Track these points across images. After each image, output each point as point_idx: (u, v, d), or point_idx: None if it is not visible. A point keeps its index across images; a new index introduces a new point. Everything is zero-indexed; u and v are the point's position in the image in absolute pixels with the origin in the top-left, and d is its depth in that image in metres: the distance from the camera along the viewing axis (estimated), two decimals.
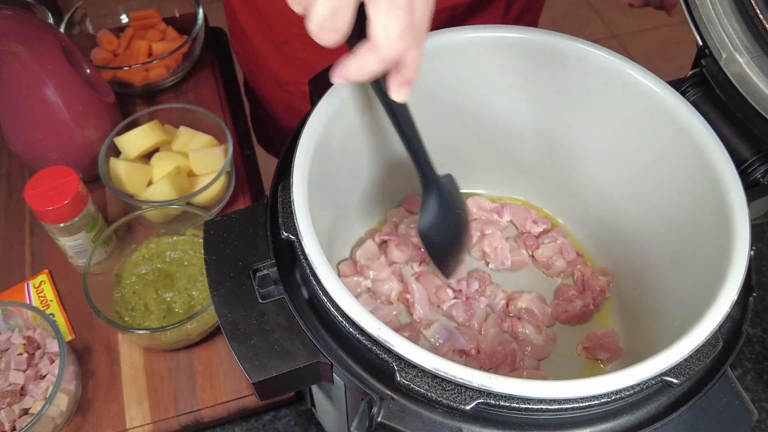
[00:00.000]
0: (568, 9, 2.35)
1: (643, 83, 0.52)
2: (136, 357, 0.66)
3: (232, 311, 0.45)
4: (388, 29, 0.39)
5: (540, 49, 0.55)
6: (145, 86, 0.86)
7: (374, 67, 0.41)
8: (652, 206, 0.56)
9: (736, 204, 0.46)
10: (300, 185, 0.46)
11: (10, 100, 0.71)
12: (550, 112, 0.59)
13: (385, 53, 0.39)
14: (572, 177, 0.63)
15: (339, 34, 0.39)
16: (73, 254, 0.69)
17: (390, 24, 0.38)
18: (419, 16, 0.40)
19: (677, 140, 0.51)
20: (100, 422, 0.62)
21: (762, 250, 0.76)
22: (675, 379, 0.40)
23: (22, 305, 0.63)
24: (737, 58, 0.50)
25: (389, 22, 0.38)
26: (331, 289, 0.41)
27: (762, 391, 0.66)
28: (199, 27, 0.87)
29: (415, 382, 0.39)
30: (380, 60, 0.40)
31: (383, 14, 0.38)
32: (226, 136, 0.74)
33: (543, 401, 0.38)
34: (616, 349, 0.57)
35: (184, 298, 0.66)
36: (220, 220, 0.50)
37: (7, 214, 0.79)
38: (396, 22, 0.38)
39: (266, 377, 0.43)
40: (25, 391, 0.60)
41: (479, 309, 0.60)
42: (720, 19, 0.51)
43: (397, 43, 0.39)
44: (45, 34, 0.70)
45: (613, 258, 0.63)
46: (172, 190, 0.70)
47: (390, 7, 0.38)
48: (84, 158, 0.75)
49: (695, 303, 0.44)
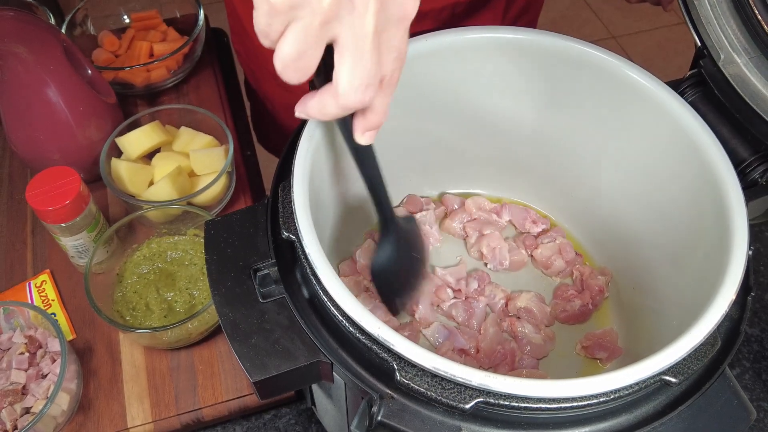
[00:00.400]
0: (567, 10, 2.35)
1: (641, 84, 0.53)
2: (137, 356, 0.66)
3: (232, 310, 0.45)
4: (352, 79, 0.37)
5: (539, 50, 0.55)
6: (146, 87, 0.86)
7: (334, 111, 0.39)
8: (651, 206, 0.57)
9: (735, 204, 0.46)
10: (300, 185, 0.46)
11: (11, 101, 0.71)
12: (549, 113, 0.60)
13: (345, 102, 0.38)
14: (571, 177, 0.63)
15: (303, 74, 0.37)
16: (74, 254, 0.69)
17: (354, 73, 0.37)
18: (388, 68, 0.38)
19: (676, 140, 0.52)
20: (101, 421, 0.63)
21: (760, 249, 0.76)
22: (673, 378, 0.40)
23: (23, 305, 0.64)
24: (735, 58, 0.50)
25: (353, 72, 0.37)
26: (331, 289, 0.41)
27: (760, 390, 0.67)
28: (200, 28, 0.87)
29: (415, 381, 0.39)
30: (340, 107, 0.39)
31: (348, 63, 0.37)
32: (227, 136, 0.74)
33: (542, 400, 0.38)
34: (614, 349, 0.57)
35: (185, 298, 0.66)
36: (221, 220, 0.50)
37: (8, 215, 0.79)
38: (360, 72, 0.37)
39: (267, 376, 0.43)
40: (26, 390, 0.60)
41: (479, 308, 0.60)
42: (718, 19, 0.51)
43: (359, 93, 0.38)
44: (46, 35, 0.70)
45: (612, 258, 0.63)
46: (173, 191, 0.71)
47: (356, 57, 0.36)
48: (85, 158, 0.75)
49: (694, 302, 0.45)
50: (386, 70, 0.38)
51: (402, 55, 0.39)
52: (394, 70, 0.39)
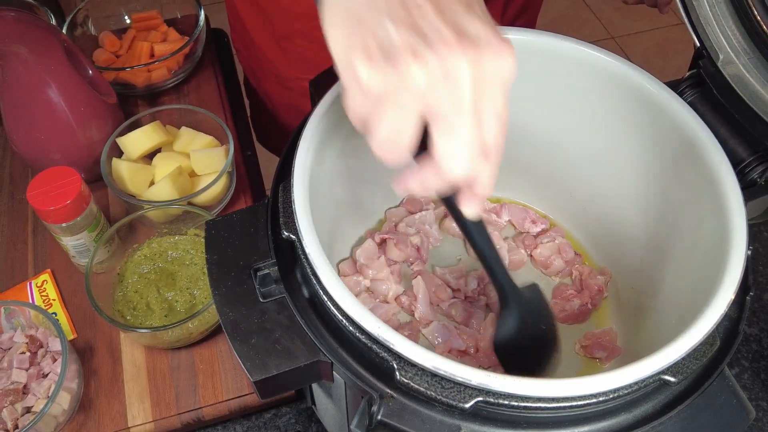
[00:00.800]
0: (567, 10, 2.35)
1: (641, 84, 0.53)
2: (138, 356, 0.66)
3: (233, 310, 0.45)
4: (452, 151, 0.35)
5: (538, 50, 0.55)
6: (146, 87, 0.86)
7: (437, 186, 0.37)
8: (650, 206, 0.57)
9: (734, 204, 0.46)
10: (301, 185, 0.46)
11: (12, 101, 0.71)
12: (548, 113, 0.60)
13: (447, 177, 0.36)
14: (570, 177, 0.63)
15: (402, 153, 0.35)
16: (75, 254, 0.69)
17: (453, 145, 0.35)
18: (491, 135, 0.36)
19: (674, 141, 0.52)
20: (102, 420, 0.63)
21: (759, 249, 0.76)
22: (672, 377, 0.40)
23: (24, 304, 0.64)
24: (734, 59, 0.50)
25: (453, 144, 0.35)
26: (331, 289, 0.42)
27: (759, 390, 0.67)
28: (201, 28, 0.87)
29: (415, 380, 0.39)
30: (443, 182, 0.37)
31: (446, 135, 0.34)
32: (227, 136, 0.74)
33: (541, 399, 0.39)
34: (614, 348, 0.57)
35: (186, 297, 0.66)
36: (222, 219, 0.50)
37: (10, 214, 0.79)
38: (460, 143, 0.35)
39: (267, 376, 0.43)
40: (27, 390, 0.60)
41: (478, 308, 0.60)
42: (717, 20, 0.51)
43: (461, 167, 0.35)
44: (47, 36, 0.70)
45: (612, 257, 0.63)
46: (173, 190, 0.71)
47: (454, 128, 0.34)
48: (86, 158, 0.75)
49: (693, 302, 0.45)
50: (489, 138, 0.36)
51: (504, 120, 0.36)
52: (498, 137, 0.36)
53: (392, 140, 0.35)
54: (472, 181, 0.38)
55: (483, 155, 0.36)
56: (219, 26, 1.02)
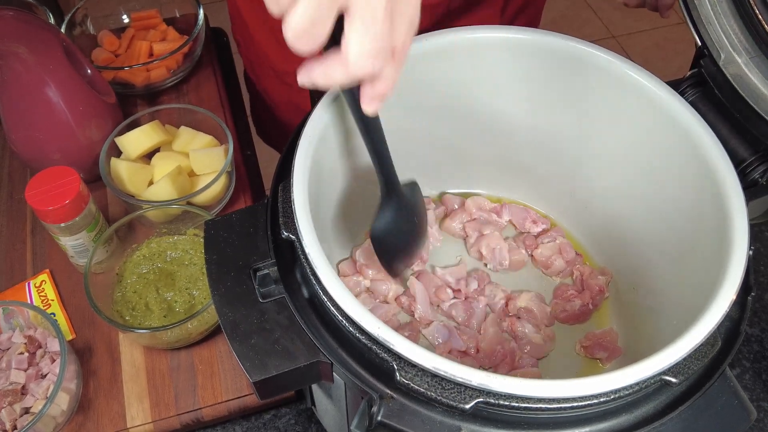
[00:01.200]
0: (567, 9, 2.35)
1: (641, 83, 0.53)
2: (137, 356, 0.66)
3: (232, 310, 0.45)
4: (362, 48, 0.36)
5: (539, 50, 0.55)
6: (146, 86, 0.86)
7: (341, 79, 0.39)
8: (651, 206, 0.57)
9: (735, 204, 0.46)
10: (300, 185, 0.46)
11: (11, 101, 0.71)
12: (548, 113, 0.60)
13: (354, 70, 0.38)
14: (571, 177, 0.63)
15: (315, 43, 0.36)
16: (74, 254, 0.69)
17: (364, 42, 0.36)
18: (400, 37, 0.38)
19: (676, 140, 0.52)
20: (101, 421, 0.63)
21: (760, 249, 0.76)
22: (674, 378, 0.40)
23: (23, 304, 0.64)
24: (736, 58, 0.50)
25: (363, 41, 0.36)
26: (331, 289, 0.41)
27: (760, 390, 0.66)
28: (200, 27, 0.87)
29: (415, 381, 0.39)
30: (349, 74, 0.38)
31: (359, 30, 0.36)
32: (227, 136, 0.74)
33: (542, 400, 0.38)
34: (614, 349, 0.57)
35: (185, 298, 0.66)
36: (221, 219, 0.50)
37: (8, 214, 0.79)
38: (371, 41, 0.36)
39: (266, 376, 0.43)
40: (26, 390, 0.60)
41: (478, 308, 0.60)
42: (719, 19, 0.51)
43: (368, 62, 0.37)
44: (46, 35, 0.70)
45: (612, 257, 0.63)
46: (172, 190, 0.71)
47: (367, 26, 0.36)
48: (85, 158, 0.75)
49: (694, 302, 0.45)
50: (398, 39, 0.38)
51: (414, 24, 0.39)
52: (406, 40, 0.39)
53: (308, 29, 0.36)
54: (376, 77, 0.39)
55: (390, 54, 0.38)
56: (218, 25, 1.02)
